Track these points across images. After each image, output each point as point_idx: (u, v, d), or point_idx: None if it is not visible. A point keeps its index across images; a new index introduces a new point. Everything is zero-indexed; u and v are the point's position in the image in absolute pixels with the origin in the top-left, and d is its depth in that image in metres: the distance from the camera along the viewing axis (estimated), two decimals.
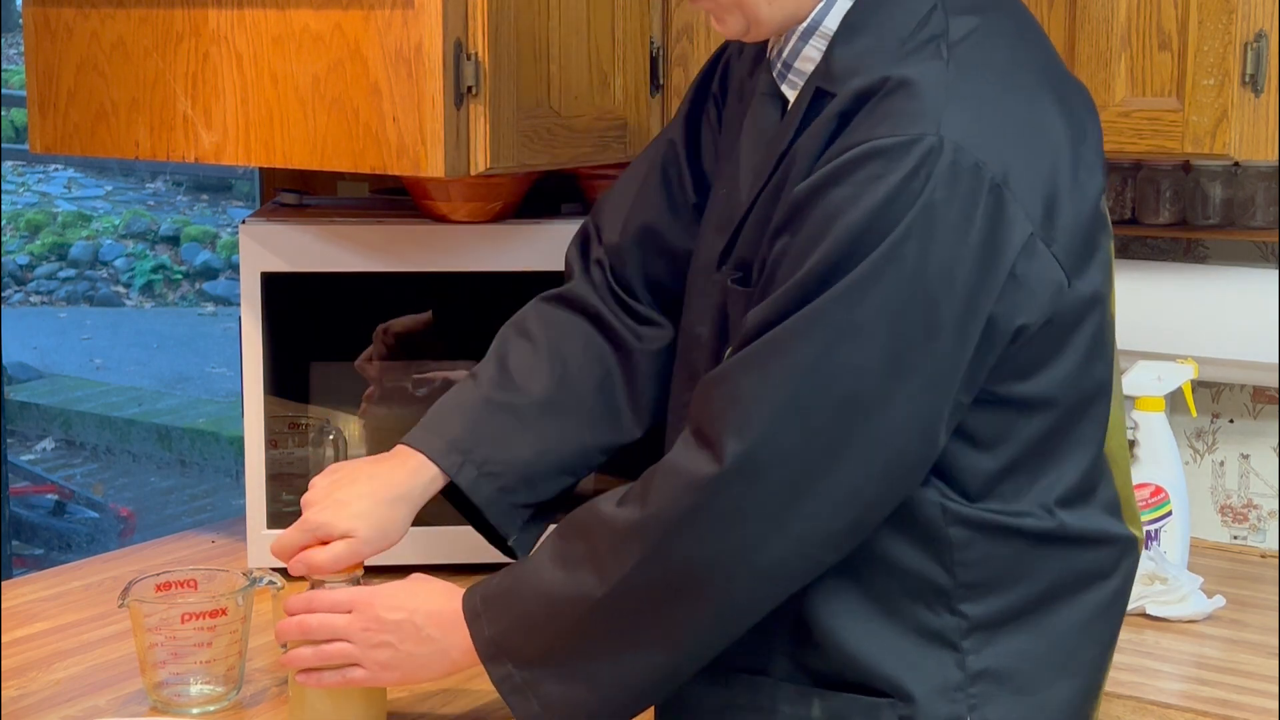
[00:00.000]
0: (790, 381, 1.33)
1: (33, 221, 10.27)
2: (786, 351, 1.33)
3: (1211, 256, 2.25)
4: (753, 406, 1.34)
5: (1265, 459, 2.25)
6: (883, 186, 1.31)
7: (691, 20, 2.07)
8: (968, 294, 1.33)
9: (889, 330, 1.32)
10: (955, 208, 1.32)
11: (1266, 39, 1.86)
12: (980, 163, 1.32)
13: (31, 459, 7.89)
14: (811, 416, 1.33)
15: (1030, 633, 1.43)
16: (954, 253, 1.32)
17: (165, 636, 1.64)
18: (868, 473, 1.34)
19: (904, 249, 1.31)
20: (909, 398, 1.33)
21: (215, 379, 8.80)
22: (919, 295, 1.32)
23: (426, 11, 1.73)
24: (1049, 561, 1.43)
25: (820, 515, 1.35)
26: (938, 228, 1.31)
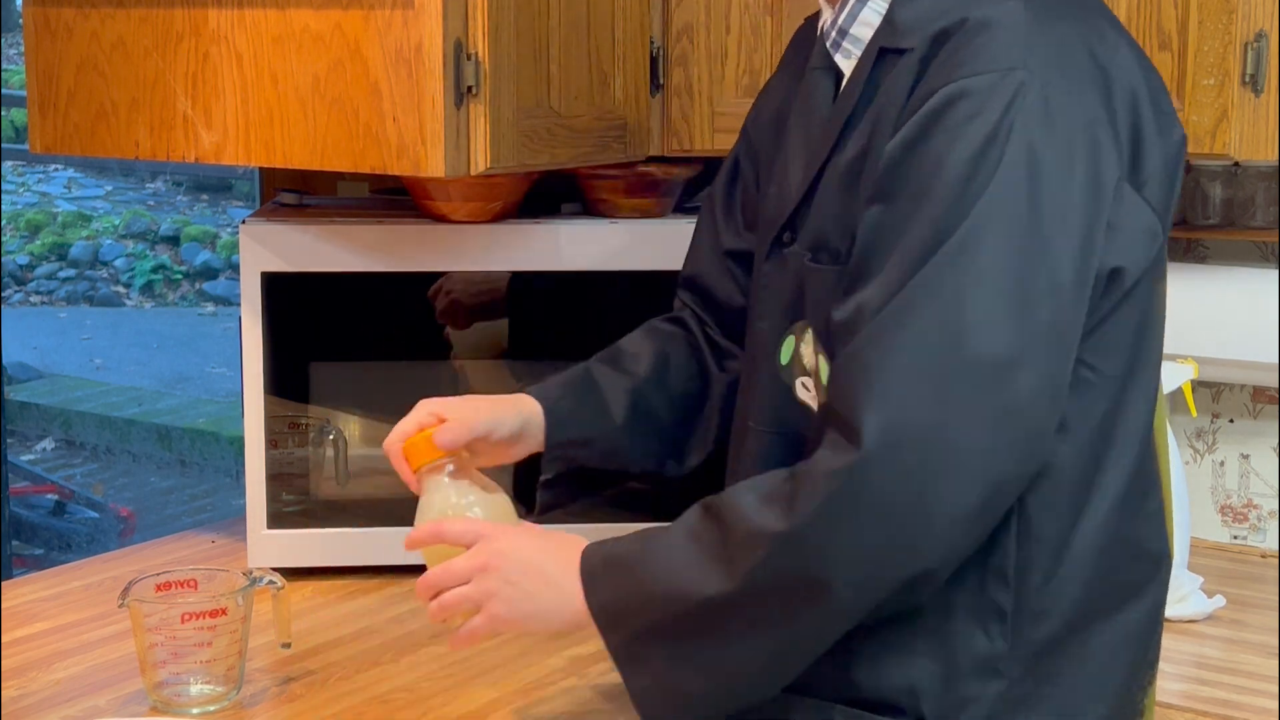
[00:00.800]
0: (918, 349, 1.26)
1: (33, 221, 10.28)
2: (910, 319, 1.27)
3: (1211, 256, 2.25)
4: (882, 381, 1.26)
5: (1265, 459, 2.25)
6: (979, 127, 1.27)
7: (691, 20, 2.07)
8: (1082, 235, 1.28)
9: (1013, 280, 1.26)
10: (1056, 146, 1.28)
11: (1266, 39, 1.86)
12: (1071, 99, 1.29)
13: (31, 459, 7.90)
14: (945, 383, 1.25)
15: (1067, 655, 1.38)
16: (1063, 192, 1.27)
17: (165, 636, 1.64)
18: (1005, 439, 1.27)
19: (1012, 192, 1.26)
20: (1039, 353, 1.27)
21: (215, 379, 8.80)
22: (1036, 240, 1.27)
23: (426, 11, 1.73)
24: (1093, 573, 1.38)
25: (959, 493, 1.26)
26: (1043, 167, 1.27)
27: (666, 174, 2.13)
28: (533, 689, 1.76)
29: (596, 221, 2.11)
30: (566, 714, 1.71)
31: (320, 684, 1.76)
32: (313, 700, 1.72)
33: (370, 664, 1.81)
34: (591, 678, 1.79)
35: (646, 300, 2.09)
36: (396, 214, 2.12)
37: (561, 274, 2.09)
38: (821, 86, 1.47)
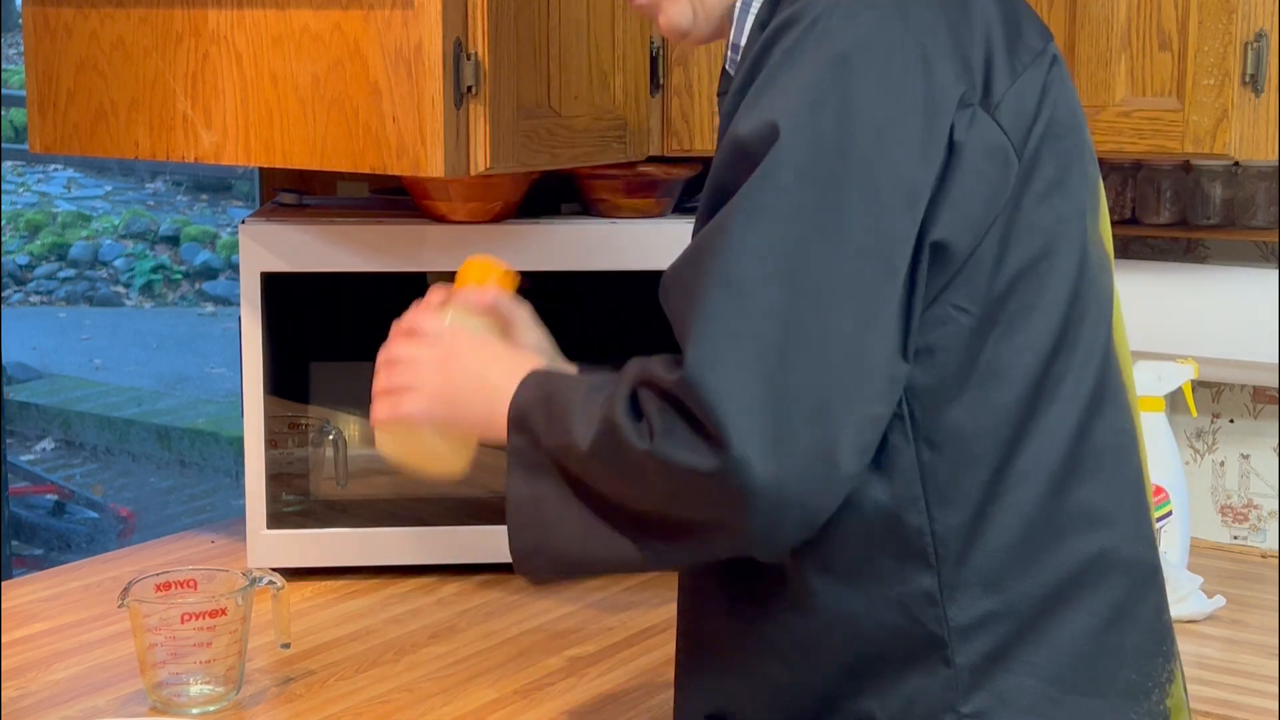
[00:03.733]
0: (719, 274, 1.20)
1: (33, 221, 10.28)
2: (715, 244, 1.22)
3: (1211, 256, 2.25)
4: (695, 333, 1.20)
5: (1265, 459, 2.25)
6: (787, 50, 1.22)
7: None
8: (904, 155, 1.20)
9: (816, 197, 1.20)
10: (873, 67, 1.21)
11: (1266, 39, 1.86)
12: (889, 18, 1.23)
13: (31, 459, 7.90)
14: (750, 301, 1.19)
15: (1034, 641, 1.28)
16: (881, 108, 1.20)
17: (165, 636, 1.64)
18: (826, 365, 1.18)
19: (824, 105, 1.20)
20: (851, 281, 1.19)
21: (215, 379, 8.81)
22: (845, 158, 1.20)
23: (426, 11, 1.73)
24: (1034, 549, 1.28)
25: None
26: (856, 86, 1.20)
27: (666, 174, 2.13)
28: (533, 689, 1.76)
29: (596, 221, 2.11)
30: (566, 714, 1.71)
31: (320, 684, 1.76)
32: (313, 700, 1.72)
33: (370, 664, 1.81)
34: (591, 678, 1.79)
35: (646, 300, 2.09)
36: (396, 214, 2.12)
37: (559, 274, 2.09)
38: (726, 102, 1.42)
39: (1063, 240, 1.30)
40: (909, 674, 1.29)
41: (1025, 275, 1.28)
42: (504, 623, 1.95)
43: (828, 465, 1.19)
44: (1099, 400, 1.32)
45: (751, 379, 1.18)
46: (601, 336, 2.13)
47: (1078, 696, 1.30)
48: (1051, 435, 1.29)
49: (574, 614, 1.92)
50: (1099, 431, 1.32)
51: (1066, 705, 1.29)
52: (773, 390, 1.17)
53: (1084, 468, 1.31)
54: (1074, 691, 1.30)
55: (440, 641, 1.88)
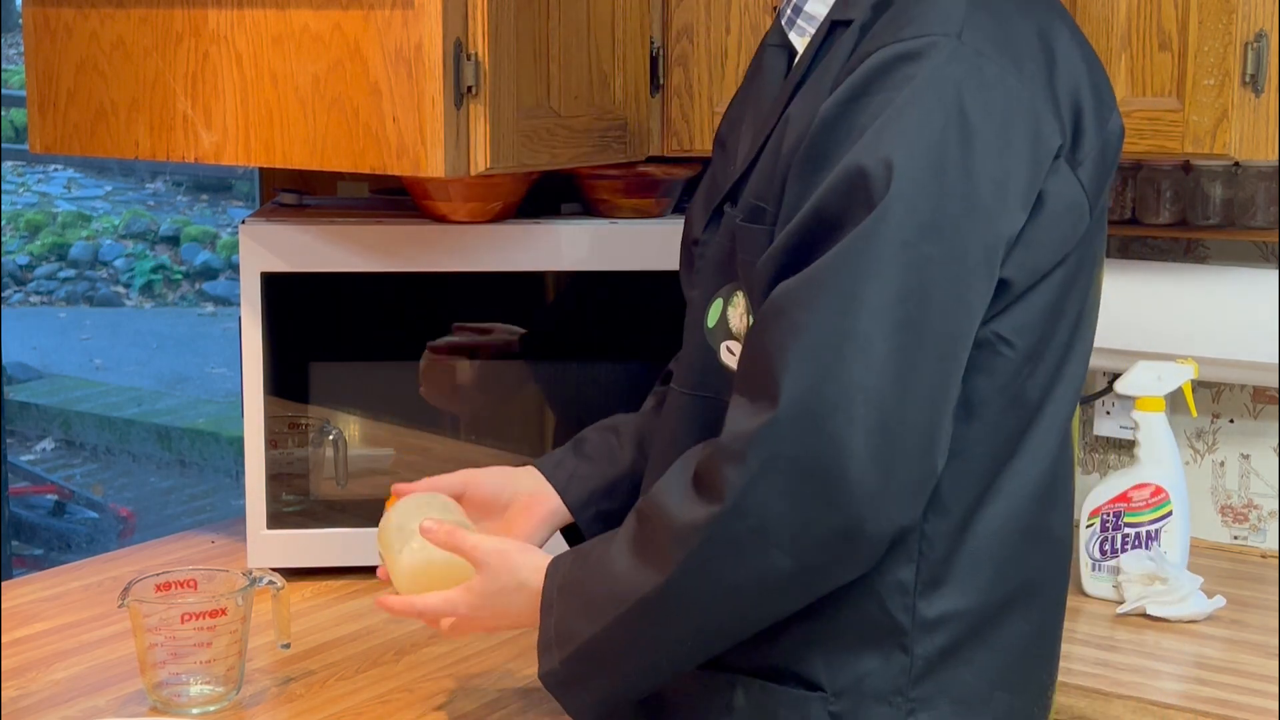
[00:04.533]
0: (820, 328, 1.26)
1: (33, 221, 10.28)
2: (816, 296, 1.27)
3: (1211, 256, 2.25)
4: (794, 351, 1.26)
5: (1265, 459, 2.25)
6: (912, 88, 1.27)
7: (691, 20, 2.07)
8: (1001, 204, 1.28)
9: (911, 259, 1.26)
10: (990, 114, 1.28)
11: (1267, 39, 1.86)
12: (1010, 70, 1.30)
13: (31, 459, 7.90)
14: (873, 345, 1.25)
15: (979, 639, 1.38)
16: (990, 159, 1.28)
17: (165, 636, 1.64)
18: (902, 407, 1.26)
19: (945, 156, 1.26)
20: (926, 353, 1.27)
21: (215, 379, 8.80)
22: (963, 210, 1.27)
23: (426, 11, 1.73)
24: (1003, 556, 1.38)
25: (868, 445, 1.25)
26: (973, 132, 1.27)
27: (666, 174, 2.13)
28: (533, 689, 1.76)
29: (596, 221, 2.11)
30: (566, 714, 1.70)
31: (320, 684, 1.76)
32: (313, 700, 1.72)
33: (370, 664, 1.81)
34: None
35: (647, 300, 2.09)
36: (396, 214, 2.12)
37: (559, 275, 2.09)
38: (775, 63, 1.49)
39: (1088, 285, 1.41)
40: (865, 654, 1.36)
41: (1061, 317, 1.38)
42: None
43: (920, 499, 1.30)
44: (1067, 430, 1.43)
45: (866, 425, 1.25)
46: (601, 336, 2.14)
47: (1004, 693, 1.40)
48: (1035, 460, 1.39)
49: None
50: (1065, 458, 1.44)
51: (994, 701, 1.40)
52: (885, 436, 1.25)
53: (1054, 491, 1.42)
54: (1002, 688, 1.40)
55: (440, 641, 1.88)
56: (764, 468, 1.26)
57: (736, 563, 1.29)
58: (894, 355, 1.25)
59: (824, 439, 1.24)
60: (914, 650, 1.36)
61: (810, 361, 1.25)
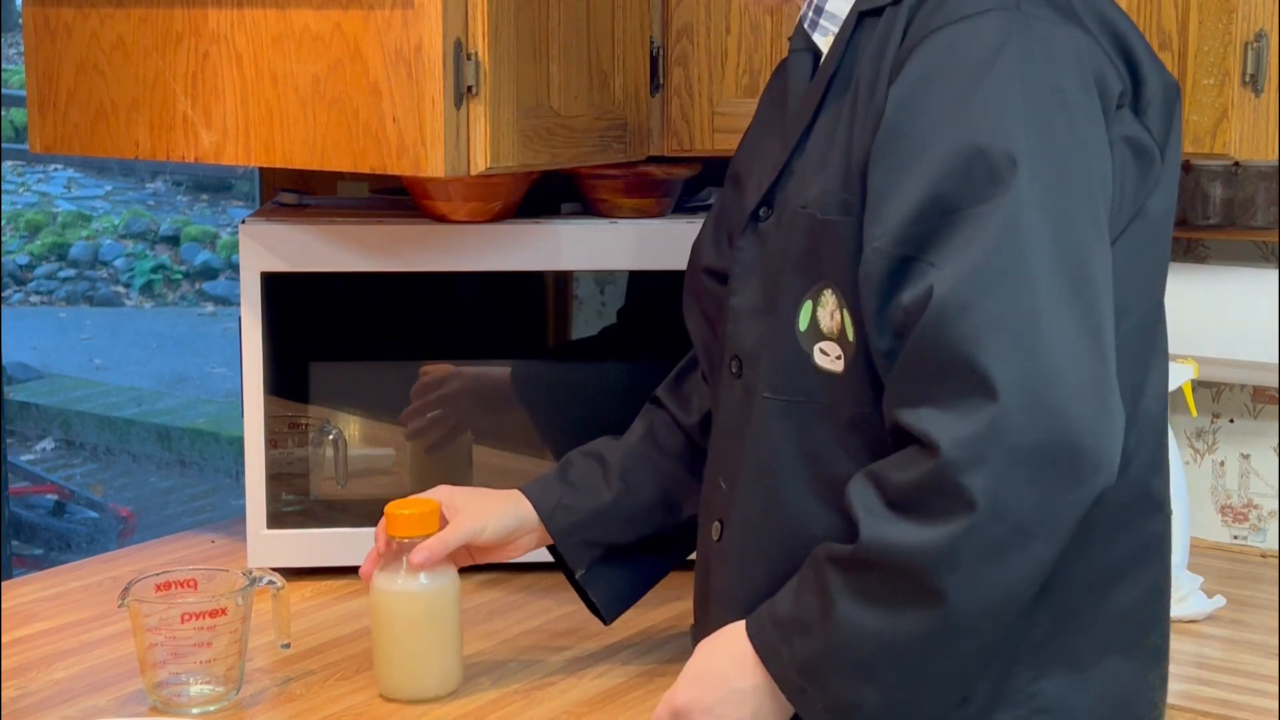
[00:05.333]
0: (1034, 283, 1.26)
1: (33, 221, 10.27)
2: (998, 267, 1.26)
3: (1211, 256, 2.25)
4: (986, 342, 1.24)
5: (1265, 459, 2.25)
6: (992, 61, 1.29)
7: (691, 20, 2.07)
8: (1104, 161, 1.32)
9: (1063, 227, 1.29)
10: (1070, 76, 1.31)
11: (1266, 39, 1.86)
12: (1064, 31, 1.33)
13: (31, 459, 7.89)
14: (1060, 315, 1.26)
15: (1095, 607, 1.39)
16: (1086, 121, 1.31)
17: (165, 636, 1.64)
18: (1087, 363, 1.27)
19: (1051, 120, 1.29)
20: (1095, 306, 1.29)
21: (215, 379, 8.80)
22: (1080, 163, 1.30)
23: (426, 11, 1.73)
24: (1117, 525, 1.39)
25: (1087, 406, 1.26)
26: (1069, 98, 1.30)
27: (666, 174, 2.13)
28: (533, 689, 1.76)
29: (596, 221, 2.11)
30: (567, 714, 1.71)
31: (320, 684, 1.76)
32: (313, 700, 1.72)
33: (370, 664, 1.81)
34: (591, 678, 1.79)
35: (646, 300, 2.09)
36: (396, 214, 2.12)
37: (559, 274, 2.09)
38: (799, 67, 1.49)
39: (1167, 240, 1.44)
40: None
41: (1148, 271, 1.41)
42: (504, 623, 1.94)
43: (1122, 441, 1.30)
44: (1165, 397, 1.47)
45: (1082, 391, 1.26)
46: (601, 336, 2.14)
47: (1115, 657, 1.41)
48: (1146, 427, 1.42)
49: (574, 614, 1.92)
50: (1164, 427, 1.47)
51: (1105, 666, 1.41)
52: (1099, 396, 1.27)
53: (1159, 457, 1.45)
54: (1113, 653, 1.41)
55: None
56: (1009, 462, 1.24)
57: (1005, 566, 1.26)
58: (1078, 317, 1.26)
59: (1054, 418, 1.24)
60: (1036, 617, 1.36)
61: (1014, 346, 1.24)
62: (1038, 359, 1.24)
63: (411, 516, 1.69)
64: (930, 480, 1.26)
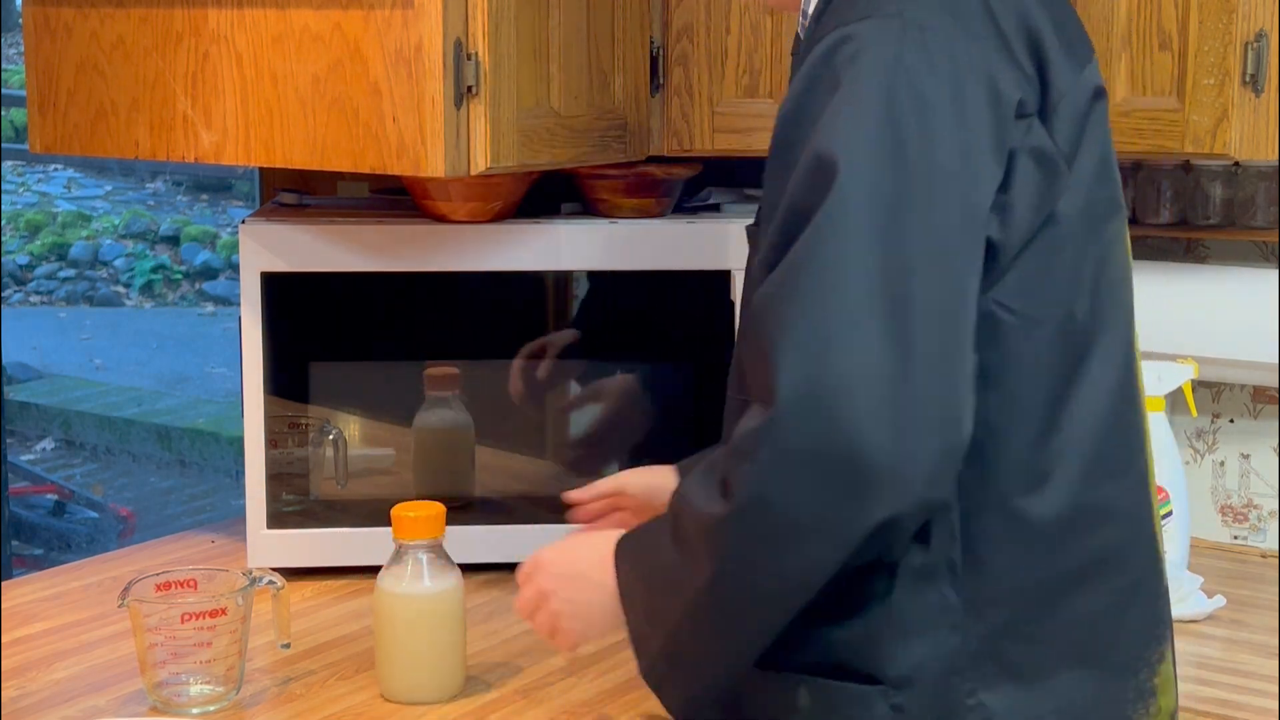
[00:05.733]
0: (838, 290, 1.25)
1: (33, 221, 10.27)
2: (794, 293, 1.26)
3: (1211, 256, 2.25)
4: (783, 343, 1.25)
5: (1265, 459, 2.25)
6: (859, 72, 1.27)
7: (691, 20, 2.07)
8: (972, 175, 1.27)
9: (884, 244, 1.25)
10: (942, 87, 1.27)
11: (1267, 39, 1.86)
12: (960, 37, 1.29)
13: (31, 459, 7.89)
14: (863, 327, 1.24)
15: (1043, 619, 1.36)
16: (949, 132, 1.27)
17: (165, 636, 1.64)
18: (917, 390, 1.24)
19: (902, 131, 1.25)
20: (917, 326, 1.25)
21: (215, 379, 8.80)
22: (915, 191, 1.26)
23: (426, 11, 1.73)
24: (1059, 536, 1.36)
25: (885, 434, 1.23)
26: (929, 108, 1.26)
27: (666, 174, 2.13)
28: (533, 689, 1.76)
29: (596, 221, 2.11)
30: (567, 714, 1.71)
31: (320, 684, 1.76)
32: (313, 700, 1.72)
33: (370, 664, 1.80)
34: (591, 677, 1.79)
35: (647, 300, 2.09)
36: (396, 214, 2.12)
37: (560, 275, 2.09)
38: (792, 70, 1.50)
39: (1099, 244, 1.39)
40: (920, 641, 1.35)
41: (1070, 280, 1.36)
42: (504, 623, 1.94)
43: (948, 470, 1.28)
44: (1122, 401, 1.40)
45: (872, 405, 1.23)
46: (601, 336, 2.13)
47: (1076, 671, 1.38)
48: (1079, 432, 1.36)
49: None
50: (1122, 429, 1.40)
51: (1061, 679, 1.37)
52: (896, 413, 1.23)
53: (1109, 463, 1.38)
54: (1071, 666, 1.37)
55: None
56: (774, 463, 1.25)
57: (775, 557, 1.28)
58: (888, 332, 1.23)
59: (831, 426, 1.23)
60: (969, 630, 1.34)
61: (800, 352, 1.24)
62: (824, 368, 1.23)
63: (418, 519, 1.69)
64: (720, 462, 1.32)
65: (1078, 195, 1.35)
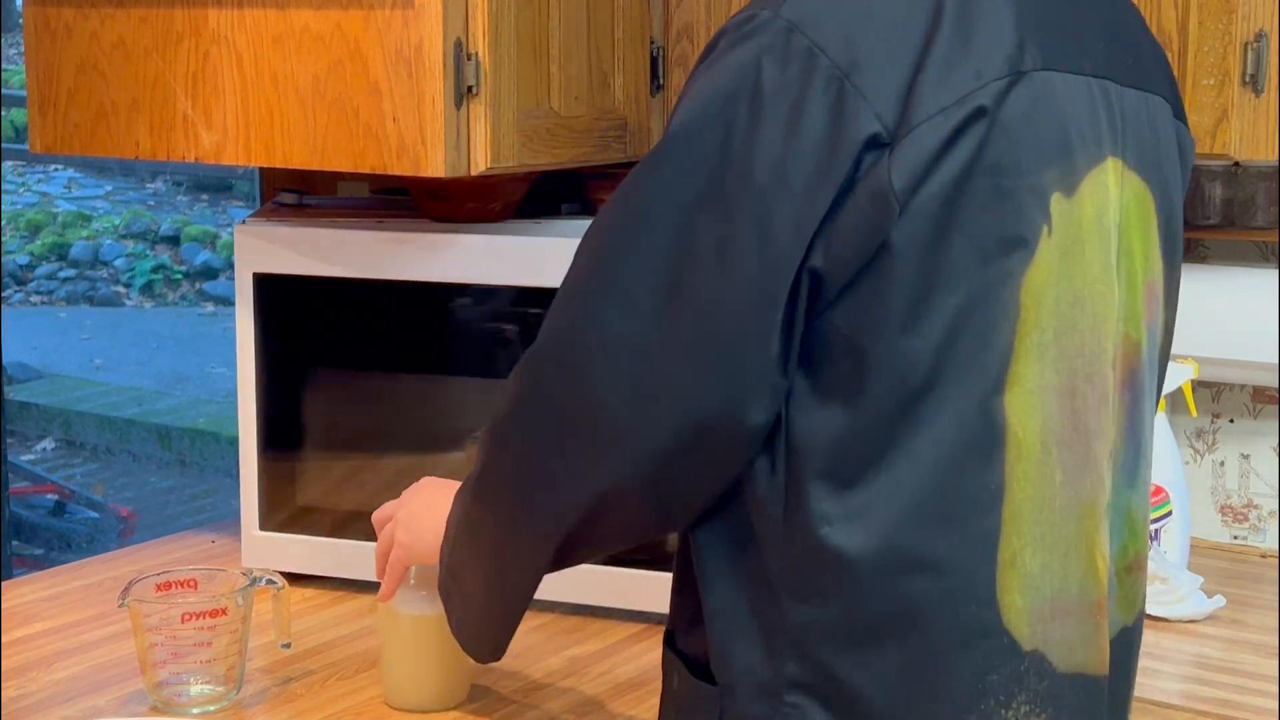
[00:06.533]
0: (577, 285, 1.30)
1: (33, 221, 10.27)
2: (608, 230, 1.29)
3: (1211, 256, 2.25)
4: (573, 286, 1.30)
5: (1265, 459, 2.25)
6: (722, 61, 1.24)
7: (691, 20, 2.07)
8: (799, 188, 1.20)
9: (686, 225, 1.24)
10: (784, 97, 1.21)
11: (1266, 39, 1.86)
12: (817, 47, 1.20)
13: (31, 459, 7.89)
14: (635, 298, 1.25)
15: (856, 660, 1.26)
16: (782, 148, 1.20)
17: (165, 636, 1.64)
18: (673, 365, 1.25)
19: (732, 128, 1.22)
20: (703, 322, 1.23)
21: (215, 379, 8.80)
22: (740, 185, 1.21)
23: (426, 11, 1.73)
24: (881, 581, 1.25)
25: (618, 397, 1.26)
26: (764, 118, 1.21)
27: None
28: (533, 689, 1.76)
29: None
30: (567, 714, 1.71)
31: (320, 684, 1.76)
32: (313, 700, 1.72)
33: (370, 664, 1.81)
34: (591, 677, 1.79)
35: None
36: (396, 214, 2.11)
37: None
38: None
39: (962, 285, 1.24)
40: (743, 649, 1.30)
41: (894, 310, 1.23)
42: None
43: (678, 462, 1.28)
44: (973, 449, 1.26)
45: (621, 373, 1.26)
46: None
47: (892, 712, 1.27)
48: (909, 476, 1.25)
49: (574, 614, 1.92)
50: (967, 483, 1.26)
51: None
52: (640, 389, 1.26)
53: (940, 513, 1.25)
54: (887, 713, 1.27)
55: None
56: (522, 394, 1.33)
57: (506, 483, 1.38)
58: (657, 312, 1.24)
59: (578, 378, 1.28)
60: (784, 652, 1.28)
61: (574, 303, 1.29)
62: (588, 325, 1.27)
63: None
64: None
65: (918, 227, 1.22)
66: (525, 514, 1.36)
